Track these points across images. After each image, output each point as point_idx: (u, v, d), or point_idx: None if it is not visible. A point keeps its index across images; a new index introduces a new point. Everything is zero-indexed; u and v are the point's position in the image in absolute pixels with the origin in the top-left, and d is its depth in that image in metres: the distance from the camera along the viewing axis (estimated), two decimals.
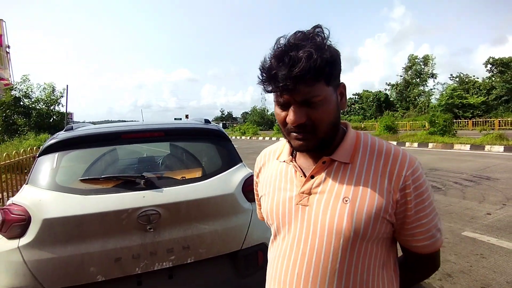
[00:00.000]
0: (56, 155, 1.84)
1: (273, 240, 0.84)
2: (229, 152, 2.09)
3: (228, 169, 1.97)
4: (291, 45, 0.66)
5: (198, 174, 1.93)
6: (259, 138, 28.43)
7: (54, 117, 15.98)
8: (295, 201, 0.77)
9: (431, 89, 38.85)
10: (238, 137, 32.52)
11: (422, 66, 39.26)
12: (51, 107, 16.15)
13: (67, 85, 9.92)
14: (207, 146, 2.14)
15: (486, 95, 31.23)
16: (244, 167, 2.05)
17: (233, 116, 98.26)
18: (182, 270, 1.74)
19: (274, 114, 0.77)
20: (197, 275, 1.76)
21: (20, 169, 5.52)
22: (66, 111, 10.26)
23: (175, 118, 4.03)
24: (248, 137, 31.16)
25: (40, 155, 1.86)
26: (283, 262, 0.77)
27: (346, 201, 0.70)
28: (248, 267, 1.84)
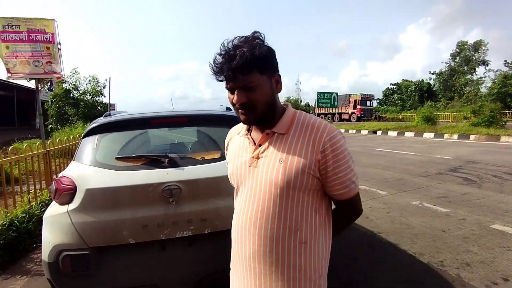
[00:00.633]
0: (97, 137, 2.15)
1: (236, 196, 1.08)
2: None
3: None
4: (232, 46, 0.90)
5: (217, 156, 2.14)
6: None
7: (99, 108, 17.29)
8: (248, 164, 1.00)
9: (481, 78, 35.87)
10: None
11: (472, 53, 36.27)
12: (96, 98, 17.48)
13: (109, 78, 10.66)
14: (225, 131, 2.31)
15: None
16: None
17: None
18: (200, 239, 1.98)
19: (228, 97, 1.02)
20: (213, 244, 1.99)
21: (71, 154, 6.18)
22: (109, 102, 11.05)
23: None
24: None
25: (84, 137, 2.18)
26: (240, 210, 1.02)
27: (281, 161, 0.93)
28: None
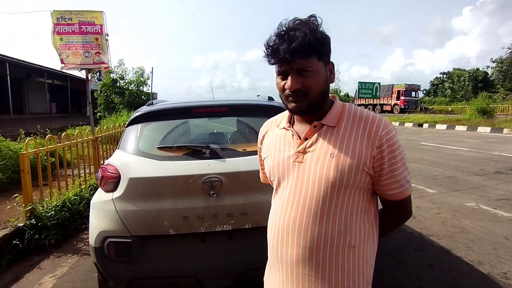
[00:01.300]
0: (140, 126, 2.15)
1: (275, 194, 1.01)
2: None
3: None
4: (291, 27, 0.84)
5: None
6: None
7: (143, 97, 18.11)
8: (292, 159, 0.93)
9: None
10: None
11: None
12: (140, 88, 18.31)
13: (152, 68, 11.03)
14: None
15: None
16: None
17: None
18: (240, 234, 1.92)
19: (276, 84, 0.93)
20: (254, 240, 1.91)
21: (116, 141, 6.51)
22: (151, 91, 11.47)
23: None
24: None
25: (128, 125, 2.20)
26: (283, 208, 0.94)
27: (333, 156, 0.87)
28: None
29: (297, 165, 0.92)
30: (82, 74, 5.59)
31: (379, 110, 30.00)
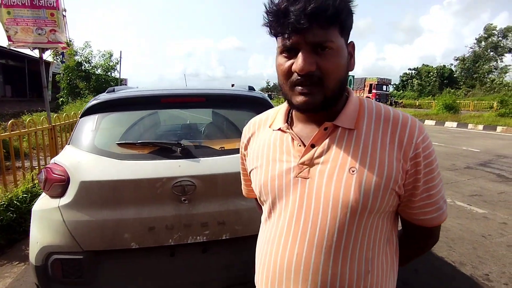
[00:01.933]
0: (97, 117, 1.79)
1: (267, 219, 0.76)
2: None
3: None
4: None
5: (238, 145, 1.77)
6: None
7: (111, 83, 16.98)
8: (294, 174, 0.69)
9: (508, 65, 33.90)
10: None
11: (500, 38, 34.15)
12: (108, 73, 17.13)
13: (121, 52, 10.30)
14: (250, 115, 1.93)
15: None
16: None
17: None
18: (217, 246, 1.65)
19: (276, 67, 0.67)
20: (232, 253, 1.65)
21: None
22: (120, 77, 10.73)
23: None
24: None
25: (82, 116, 1.83)
26: (280, 240, 0.69)
27: (353, 171, 0.64)
28: None
29: (301, 182, 0.68)
30: (36, 54, 4.96)
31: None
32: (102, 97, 1.88)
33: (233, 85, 2.74)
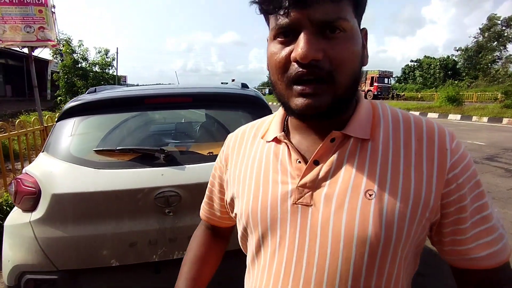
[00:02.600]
0: (74, 121, 1.64)
1: (254, 260, 0.59)
2: None
3: None
4: None
5: None
6: None
7: (109, 80, 16.82)
8: (292, 200, 0.53)
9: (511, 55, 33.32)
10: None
11: (504, 28, 33.52)
12: (106, 70, 16.94)
13: (117, 48, 10.12)
14: (242, 116, 1.79)
15: None
16: None
17: None
18: None
19: (267, 59, 0.51)
20: (222, 269, 1.51)
21: None
22: (117, 74, 10.56)
23: (222, 83, 3.76)
24: None
25: (59, 120, 1.68)
26: (269, 284, 0.53)
27: (371, 196, 0.49)
28: None
29: (302, 211, 0.52)
30: (43, 54, 4.81)
31: None
32: (81, 99, 1.73)
33: (234, 80, 2.57)
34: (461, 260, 0.52)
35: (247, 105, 1.78)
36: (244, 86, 2.06)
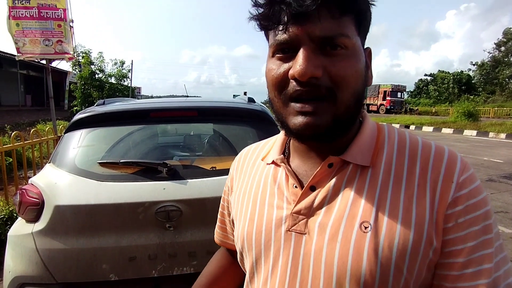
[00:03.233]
0: (81, 133, 1.66)
1: (249, 284, 0.57)
2: None
3: None
4: None
5: None
6: None
7: (124, 91, 17.25)
8: (286, 226, 0.51)
9: None
10: None
11: None
12: (121, 81, 17.42)
13: (132, 60, 10.42)
14: (247, 131, 1.79)
15: None
16: None
17: None
18: None
19: (266, 74, 0.49)
20: None
21: None
22: (131, 85, 10.84)
23: (234, 95, 3.81)
24: None
25: (67, 131, 1.71)
26: None
27: (366, 228, 0.45)
28: None
29: (295, 238, 0.50)
30: (62, 66, 5.00)
31: (365, 110, 30.31)
32: (89, 111, 1.76)
33: (246, 93, 2.58)
34: None
35: (253, 120, 1.77)
36: (251, 101, 2.06)
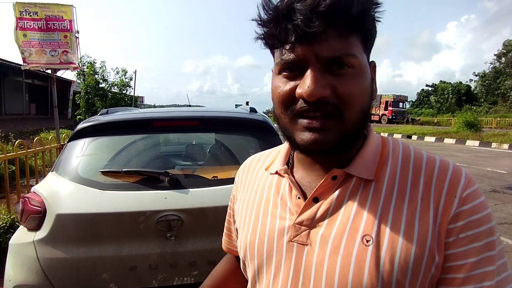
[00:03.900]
0: (84, 142, 1.68)
1: (250, 282, 0.58)
2: None
3: None
4: None
5: (234, 175, 1.60)
6: None
7: (127, 100, 17.39)
8: (288, 236, 0.51)
9: None
10: None
11: None
12: (123, 91, 17.58)
13: (136, 70, 10.53)
14: (249, 140, 1.80)
15: None
16: None
17: None
18: None
19: (273, 91, 0.49)
20: None
21: None
22: (134, 95, 10.93)
23: (236, 105, 3.84)
24: None
25: (70, 140, 1.73)
26: None
27: (368, 241, 0.45)
28: None
29: (297, 249, 0.50)
30: (66, 75, 5.08)
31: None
32: (92, 120, 1.79)
33: (248, 102, 2.60)
34: None
35: (255, 130, 1.79)
36: (253, 111, 2.08)
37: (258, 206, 0.57)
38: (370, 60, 0.51)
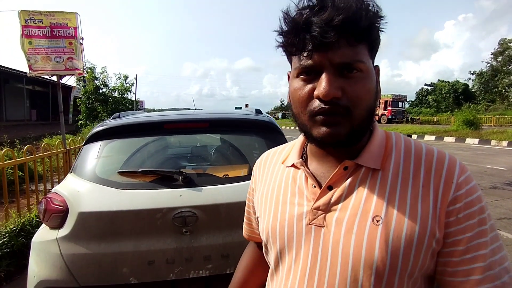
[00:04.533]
0: (100, 144, 1.77)
1: (273, 274, 0.65)
2: None
3: None
4: None
5: (244, 173, 1.69)
6: None
7: (127, 105, 17.50)
8: (307, 220, 0.58)
9: None
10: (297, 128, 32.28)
11: None
12: (124, 95, 17.70)
13: (136, 75, 10.61)
14: (256, 140, 1.89)
15: None
16: None
17: None
18: (221, 281, 1.54)
19: (290, 93, 0.58)
20: None
21: None
22: (135, 99, 11.02)
23: (236, 107, 3.93)
24: None
25: (86, 143, 1.81)
26: None
27: (378, 221, 0.53)
28: None
29: (315, 231, 0.57)
30: (66, 81, 5.16)
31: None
32: (106, 124, 1.87)
33: (247, 105, 2.69)
34: None
35: (261, 130, 1.88)
36: (258, 112, 2.16)
37: (278, 196, 0.64)
38: (375, 65, 0.58)
